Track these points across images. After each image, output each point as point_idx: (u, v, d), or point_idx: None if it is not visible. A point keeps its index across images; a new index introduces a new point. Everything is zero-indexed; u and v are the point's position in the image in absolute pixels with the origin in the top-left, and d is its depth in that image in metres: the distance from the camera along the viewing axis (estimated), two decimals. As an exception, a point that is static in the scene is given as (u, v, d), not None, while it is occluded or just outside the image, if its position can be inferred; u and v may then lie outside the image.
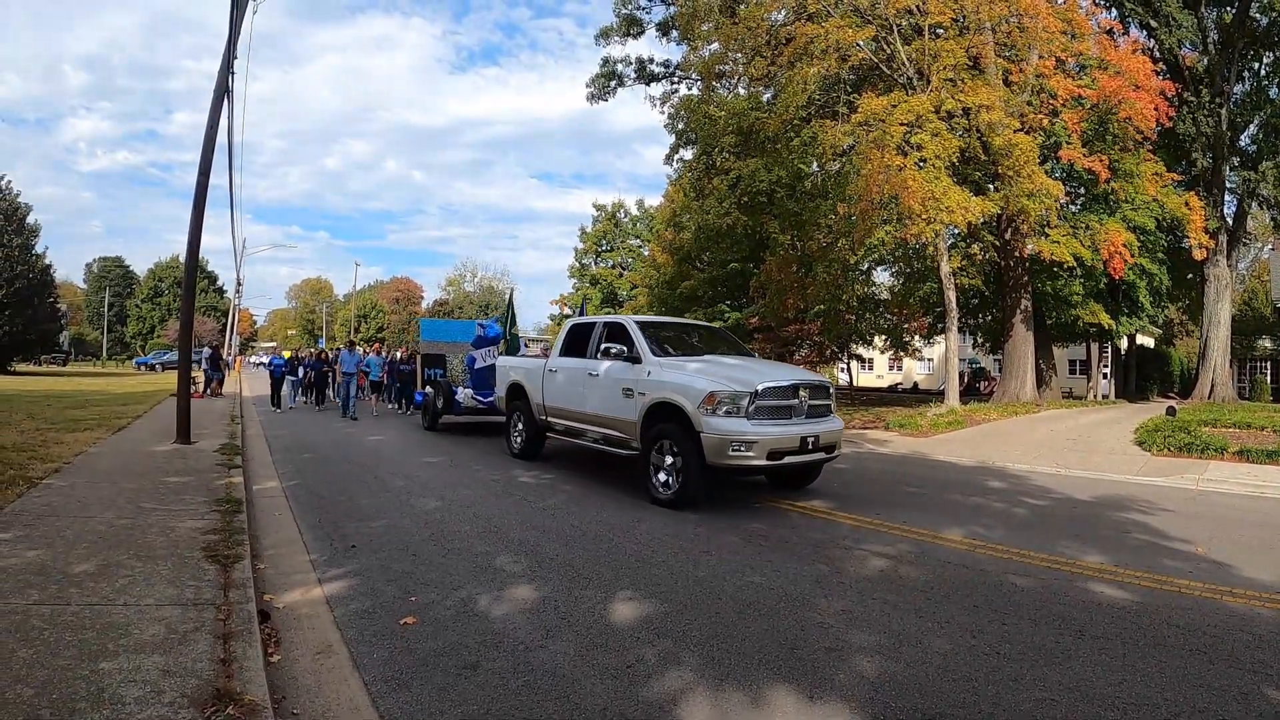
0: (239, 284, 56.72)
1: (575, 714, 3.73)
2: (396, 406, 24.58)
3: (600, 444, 10.51)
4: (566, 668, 4.26)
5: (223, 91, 13.56)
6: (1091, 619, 5.29)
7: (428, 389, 18.90)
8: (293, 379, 26.42)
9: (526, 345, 20.54)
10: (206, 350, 28.24)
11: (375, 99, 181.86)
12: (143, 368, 66.21)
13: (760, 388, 8.63)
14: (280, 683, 3.99)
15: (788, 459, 8.76)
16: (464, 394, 17.14)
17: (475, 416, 17.43)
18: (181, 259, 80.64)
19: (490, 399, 15.95)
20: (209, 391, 26.06)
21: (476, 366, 16.97)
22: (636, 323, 10.64)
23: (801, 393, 9.07)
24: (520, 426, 12.84)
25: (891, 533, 7.90)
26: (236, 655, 4.00)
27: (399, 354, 26.00)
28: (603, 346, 10.39)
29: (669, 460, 9.04)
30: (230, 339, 53.23)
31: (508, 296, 19.95)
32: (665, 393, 9.12)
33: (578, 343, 11.57)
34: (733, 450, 8.35)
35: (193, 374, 15.51)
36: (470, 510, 8.58)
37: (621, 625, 4.97)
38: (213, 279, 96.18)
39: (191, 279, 13.54)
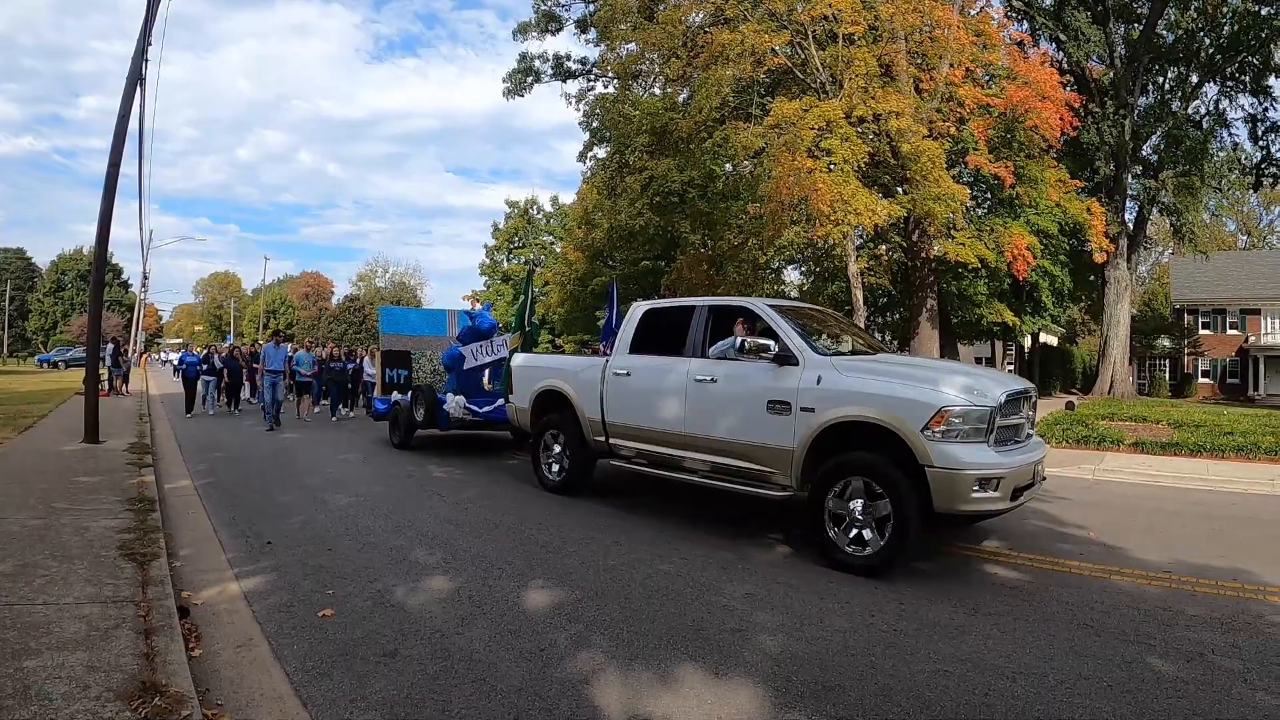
0: (145, 278, 54.79)
1: (491, 695, 3.88)
2: (331, 413, 20.81)
3: (716, 479, 7.53)
4: (482, 652, 4.41)
5: (136, 79, 13.26)
6: (985, 598, 5.60)
7: (395, 396, 14.79)
8: (210, 379, 21.74)
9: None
10: (110, 346, 26.66)
11: (291, 88, 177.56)
12: (45, 365, 63.69)
13: (1003, 398, 6.26)
14: (203, 676, 4.04)
15: (1022, 497, 6.47)
16: (454, 403, 13.04)
17: (464, 431, 13.79)
18: (86, 251, 77.78)
19: (489, 409, 12.75)
20: (113, 390, 24.89)
21: (466, 367, 13.69)
22: (771, 306, 7.80)
23: (1027, 405, 6.97)
24: (557, 449, 9.63)
25: (799, 523, 8.11)
26: (159, 650, 4.04)
27: (327, 351, 22.72)
28: (739, 342, 7.32)
29: (860, 506, 6.28)
30: (135, 335, 51.61)
31: (526, 274, 15.48)
32: (856, 407, 6.36)
33: (659, 335, 8.82)
34: (975, 491, 5.89)
35: (100, 372, 15.12)
36: (385, 506, 8.64)
37: (535, 612, 5.13)
38: (118, 272, 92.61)
39: (100, 273, 13.22)
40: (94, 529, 6.49)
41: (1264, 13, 23.93)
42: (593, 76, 33.29)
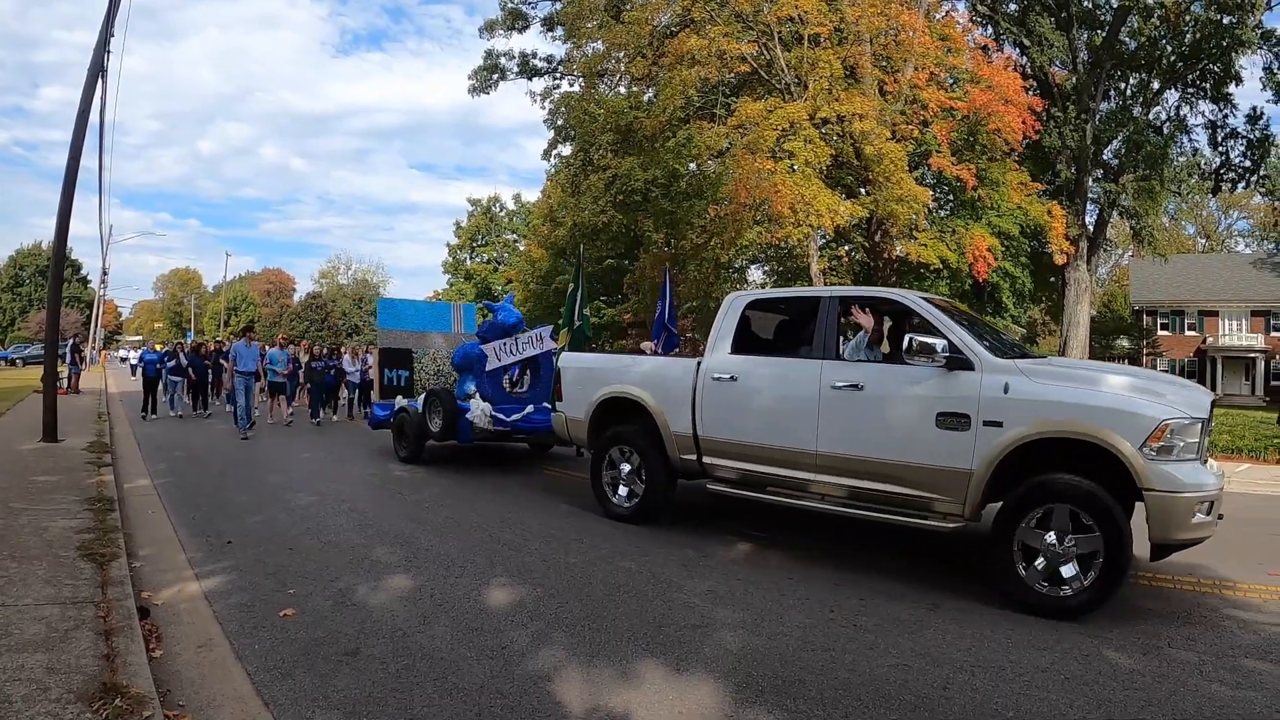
0: (104, 274, 53.99)
1: (453, 693, 3.90)
2: (312, 416, 18.66)
3: (856, 507, 6.33)
4: (444, 650, 4.43)
5: (98, 70, 13.10)
6: (944, 594, 5.68)
7: (400, 402, 12.80)
8: (176, 379, 20.02)
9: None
10: (70, 342, 26.02)
11: (255, 80, 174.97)
12: (3, 363, 62.57)
13: (1209, 409, 5.62)
14: (164, 676, 4.03)
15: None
16: (479, 410, 11.02)
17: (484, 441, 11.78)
18: (45, 246, 76.39)
19: (517, 417, 11.05)
20: (70, 388, 24.01)
21: (489, 367, 11.73)
22: (925, 299, 6.59)
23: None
24: (627, 469, 8.04)
25: (761, 520, 8.21)
26: (119, 651, 4.03)
27: (305, 349, 21.19)
28: (909, 340, 5.90)
29: (1059, 539, 5.27)
30: (94, 332, 50.82)
31: (575, 261, 13.79)
32: (1059, 421, 5.35)
33: (768, 332, 8.01)
34: (1196, 516, 5.14)
35: (59, 369, 14.90)
36: (346, 504, 8.62)
37: (496, 610, 5.17)
38: (77, 268, 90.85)
39: (59, 269, 13.06)
40: (53, 529, 6.43)
41: (1226, 21, 24.31)
42: (559, 75, 33.24)
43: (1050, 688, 4.09)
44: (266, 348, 18.75)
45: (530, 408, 11.16)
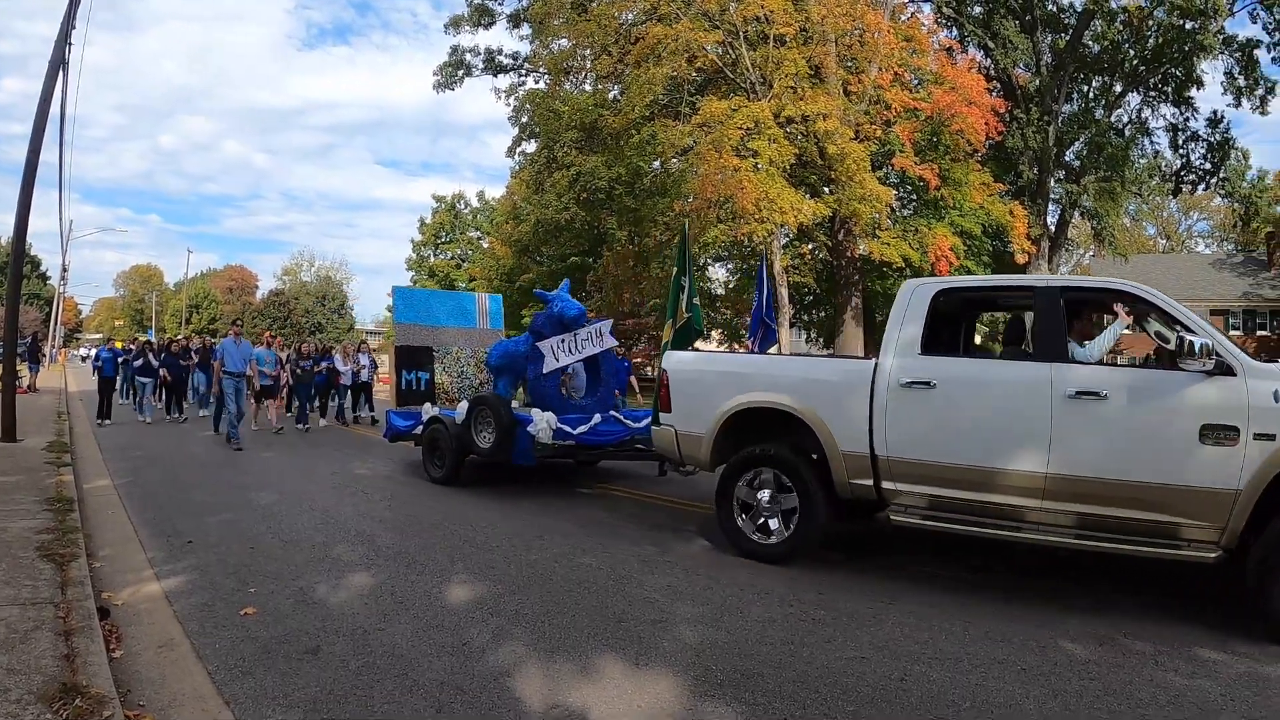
0: (64, 270, 52.93)
1: (414, 689, 3.93)
2: (297, 421, 16.95)
3: (1086, 536, 5.32)
4: (404, 647, 4.47)
5: (59, 63, 12.93)
6: (902, 587, 5.78)
7: (430, 410, 10.81)
8: (145, 380, 18.10)
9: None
10: (29, 340, 25.30)
11: (219, 74, 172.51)
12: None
13: None
14: (125, 677, 4.03)
15: None
16: (543, 423, 9.09)
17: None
18: (4, 242, 75.03)
19: (584, 429, 9.40)
20: (29, 387, 23.21)
21: (546, 369, 9.91)
22: (1158, 293, 5.62)
23: None
24: (765, 496, 6.54)
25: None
26: (79, 651, 4.02)
27: (296, 348, 18.60)
28: (1184, 342, 4.92)
29: None
30: (54, 330, 50.02)
31: (679, 236, 11.98)
32: None
33: (964, 329, 7.23)
34: None
35: (18, 368, 14.66)
36: (308, 503, 8.61)
37: (457, 606, 5.21)
38: (36, 264, 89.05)
39: (18, 265, 12.90)
40: (12, 530, 6.37)
41: (1188, 26, 24.76)
42: (524, 72, 33.18)
43: (1007, 678, 4.16)
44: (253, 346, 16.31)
45: (597, 417, 9.72)
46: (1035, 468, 5.37)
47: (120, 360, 19.37)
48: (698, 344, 9.74)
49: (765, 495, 6.52)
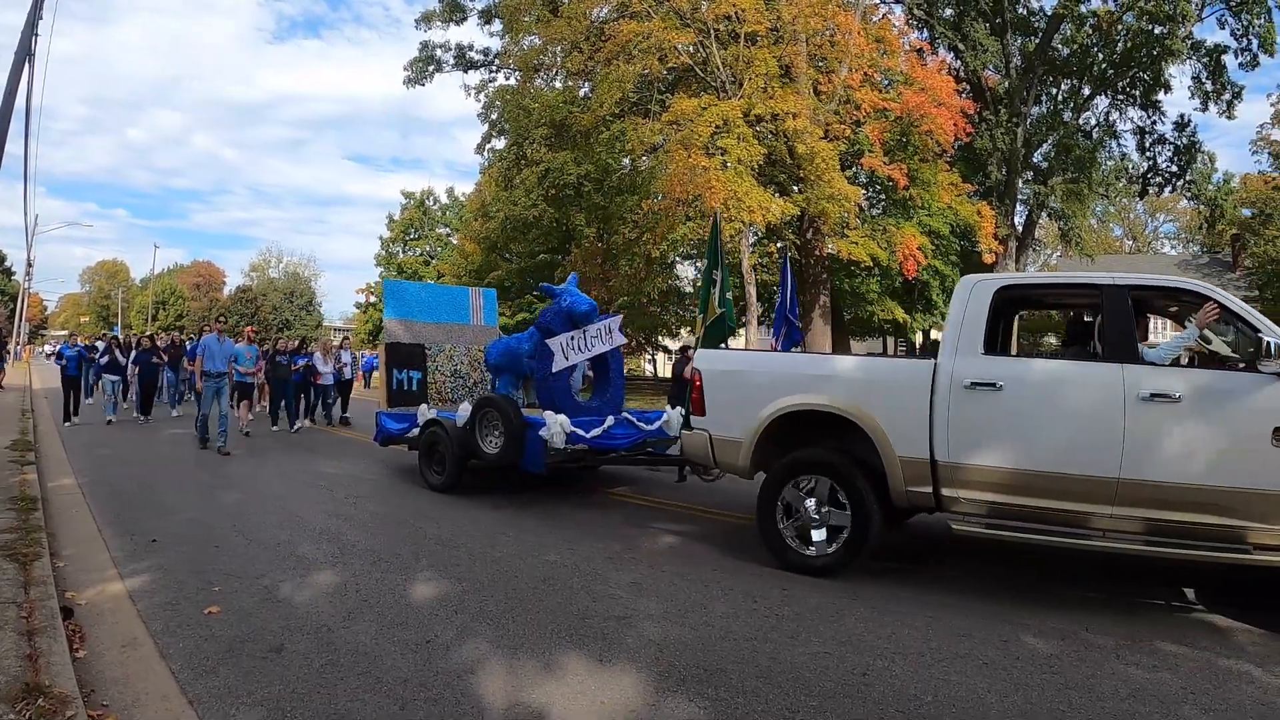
0: (29, 265, 52.10)
1: (377, 687, 3.95)
2: (273, 422, 16.32)
3: (1152, 542, 5.18)
4: (368, 645, 4.49)
5: (25, 54, 12.74)
6: (865, 583, 5.83)
7: (428, 413, 10.12)
8: (114, 378, 17.09)
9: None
10: None
11: (189, 67, 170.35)
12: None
13: None
14: (88, 677, 4.02)
15: None
16: (557, 427, 8.38)
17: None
18: (-34, 238, 73.56)
19: (598, 432, 8.78)
20: None
21: (556, 368, 9.32)
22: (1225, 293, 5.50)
23: None
24: (811, 505, 6.17)
25: (690, 513, 8.45)
26: (42, 651, 4.01)
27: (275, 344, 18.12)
28: (1268, 344, 4.84)
29: None
30: (19, 326, 49.26)
31: (713, 233, 11.14)
32: None
33: (1012, 329, 7.02)
34: None
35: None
36: (273, 501, 8.60)
37: (421, 604, 5.23)
38: (1, 259, 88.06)
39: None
40: (-29, 529, 6.31)
41: (1156, 31, 25.07)
42: (495, 68, 33.04)
43: (969, 673, 4.22)
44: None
45: (610, 419, 9.13)
46: (1108, 473, 5.22)
47: (85, 358, 18.68)
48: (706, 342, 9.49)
49: (812, 504, 6.18)
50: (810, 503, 6.16)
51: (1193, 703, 3.94)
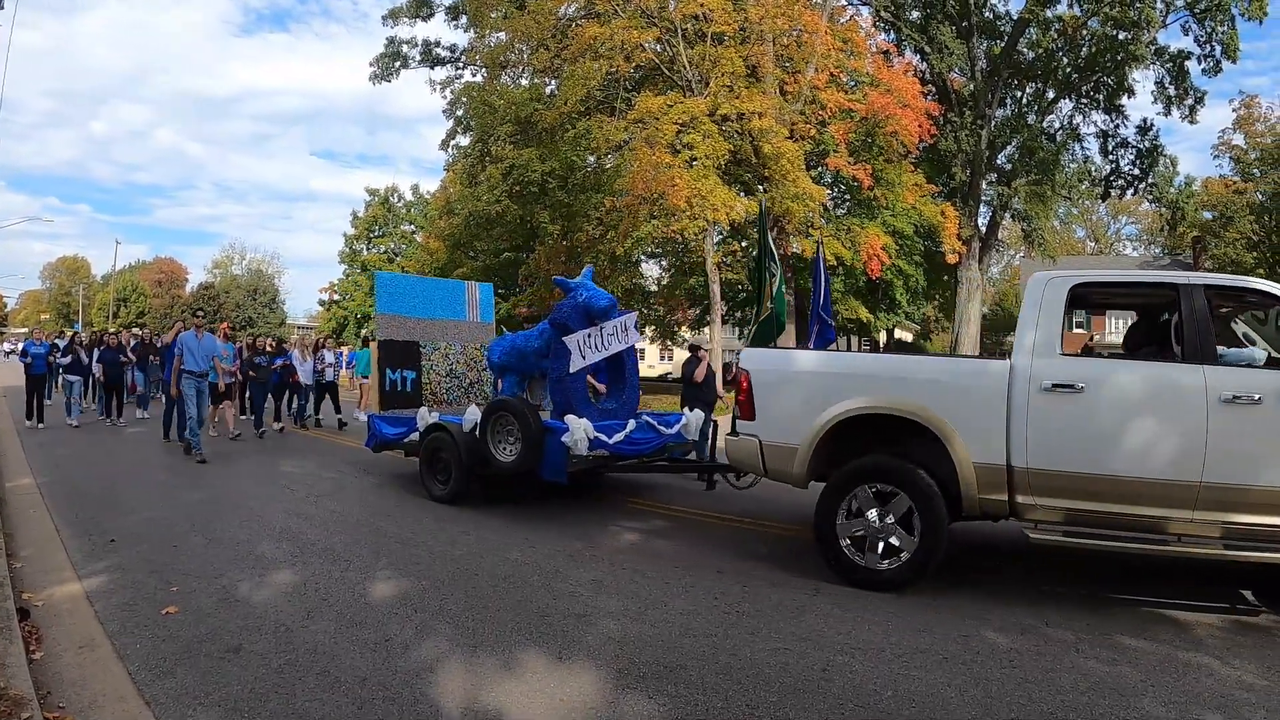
0: (-10, 262, 51.32)
1: (335, 686, 3.97)
2: (256, 426, 15.10)
3: (1230, 547, 5.10)
4: (327, 644, 4.50)
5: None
6: (826, 579, 5.85)
7: (429, 416, 9.22)
8: (74, 378, 16.18)
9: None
10: None
11: (154, 59, 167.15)
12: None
13: None
14: (45, 678, 4.01)
15: None
16: (580, 432, 7.63)
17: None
18: (-80, 232, 72.51)
19: (620, 437, 8.15)
20: None
21: (574, 368, 8.34)
22: None
23: None
24: (874, 515, 5.82)
25: (654, 511, 8.51)
26: (-2, 653, 3.98)
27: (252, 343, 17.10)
28: None
29: None
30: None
31: (760, 226, 10.66)
32: None
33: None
34: None
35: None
36: (234, 501, 8.54)
37: (380, 603, 5.24)
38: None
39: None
40: (-77, 530, 6.24)
41: (1121, 37, 25.44)
42: (461, 65, 32.95)
43: (929, 667, 4.29)
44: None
45: (631, 423, 8.49)
46: (1190, 477, 5.08)
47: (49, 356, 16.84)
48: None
49: (873, 513, 5.83)
50: (873, 512, 5.83)
51: (1152, 695, 4.02)
